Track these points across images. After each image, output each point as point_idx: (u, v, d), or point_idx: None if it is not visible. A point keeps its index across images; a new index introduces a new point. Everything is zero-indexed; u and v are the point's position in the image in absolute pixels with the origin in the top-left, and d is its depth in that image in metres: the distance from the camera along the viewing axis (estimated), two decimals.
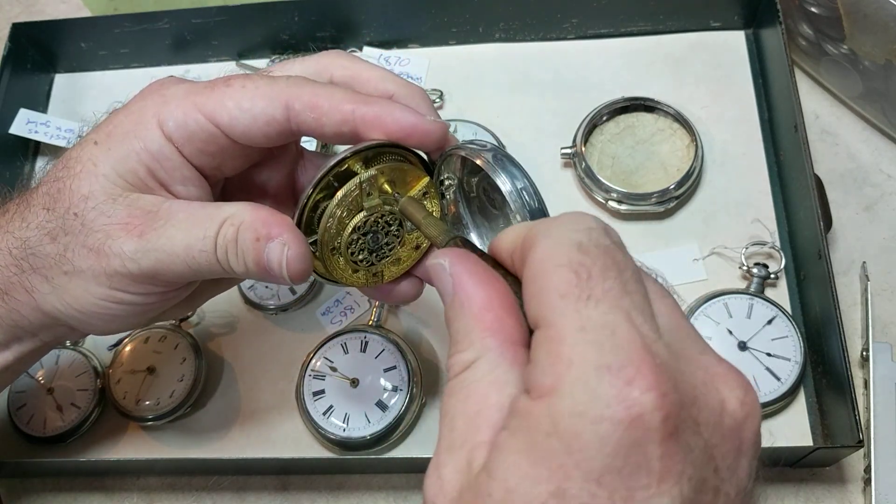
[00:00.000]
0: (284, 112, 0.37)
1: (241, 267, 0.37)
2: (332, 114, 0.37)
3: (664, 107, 0.64)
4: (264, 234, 0.37)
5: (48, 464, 0.60)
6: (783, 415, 0.56)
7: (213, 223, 0.37)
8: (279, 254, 0.37)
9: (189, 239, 0.37)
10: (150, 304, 0.40)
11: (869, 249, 0.61)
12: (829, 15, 0.62)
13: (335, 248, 0.39)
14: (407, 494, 0.57)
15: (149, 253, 0.37)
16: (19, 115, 0.71)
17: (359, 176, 0.37)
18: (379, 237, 0.40)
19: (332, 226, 0.38)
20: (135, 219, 0.37)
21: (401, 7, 0.70)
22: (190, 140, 0.37)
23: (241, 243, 0.37)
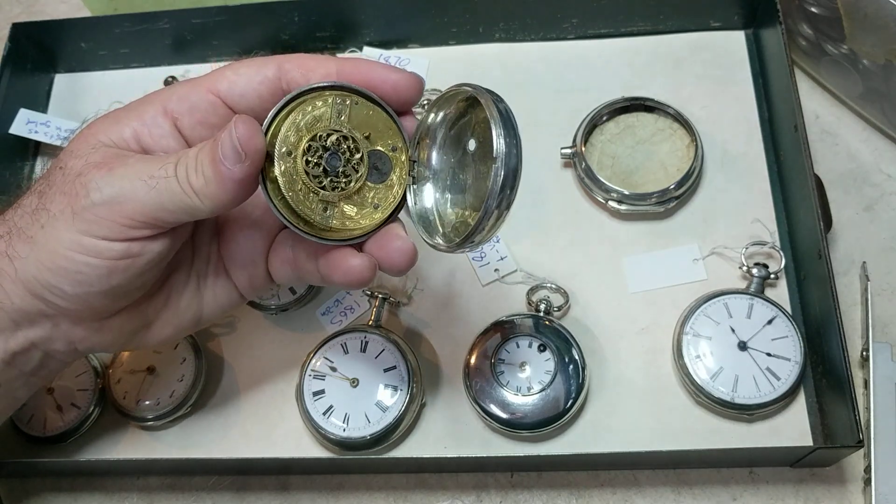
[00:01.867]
0: (277, 72, 0.40)
1: (200, 179, 0.38)
2: (318, 69, 0.40)
3: (664, 107, 0.64)
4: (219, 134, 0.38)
5: (48, 464, 0.60)
6: (783, 415, 0.56)
7: (175, 154, 0.39)
8: (231, 133, 0.37)
9: (150, 163, 0.39)
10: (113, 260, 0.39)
11: (869, 249, 0.61)
12: (829, 15, 0.62)
13: (291, 153, 0.39)
14: (407, 494, 0.57)
15: (113, 181, 0.38)
16: (19, 115, 0.71)
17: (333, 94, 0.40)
18: (338, 160, 0.40)
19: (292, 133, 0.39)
20: (107, 159, 0.40)
21: (401, 7, 0.70)
22: (191, 111, 0.41)
23: (201, 154, 0.38)
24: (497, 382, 0.56)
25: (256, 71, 0.41)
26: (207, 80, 0.41)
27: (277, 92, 0.41)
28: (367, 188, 0.41)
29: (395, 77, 0.40)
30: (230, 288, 0.47)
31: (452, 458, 0.56)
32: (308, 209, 0.40)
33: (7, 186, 0.70)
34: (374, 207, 0.41)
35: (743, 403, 0.54)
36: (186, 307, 0.45)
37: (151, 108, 0.41)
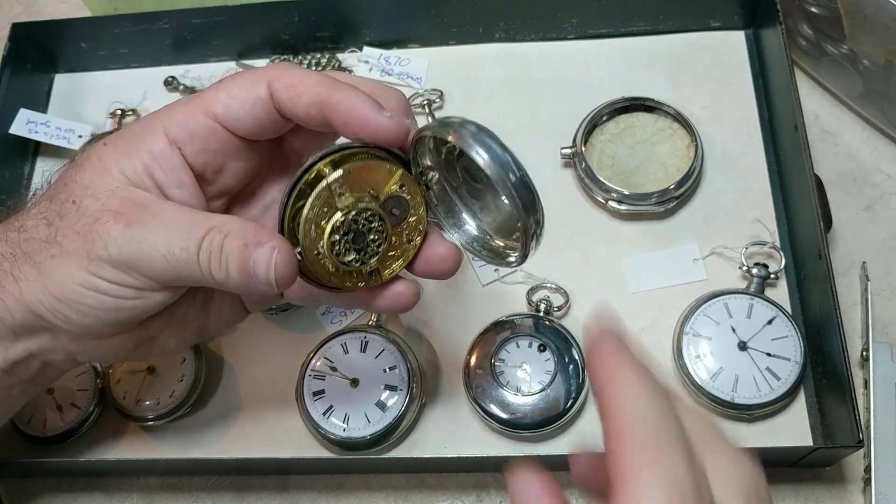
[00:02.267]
0: (268, 91, 0.39)
1: (222, 273, 0.38)
2: (305, 95, 0.38)
3: (664, 107, 0.64)
4: (253, 241, 0.38)
5: (48, 464, 0.60)
6: (783, 415, 0.56)
7: (199, 227, 0.38)
8: (268, 258, 0.37)
9: (172, 236, 0.38)
10: (123, 297, 0.40)
11: (869, 249, 0.61)
12: (829, 15, 0.62)
13: (319, 252, 0.39)
14: (407, 494, 0.57)
15: (131, 241, 0.38)
16: (19, 115, 0.71)
17: (326, 178, 0.38)
18: (362, 236, 0.40)
19: (310, 230, 0.39)
20: (125, 208, 0.39)
21: (401, 7, 0.70)
22: (192, 139, 0.40)
23: (227, 250, 0.38)
24: (497, 382, 0.56)
25: (248, 92, 0.39)
26: (203, 102, 0.40)
27: (272, 111, 0.39)
28: (395, 233, 0.41)
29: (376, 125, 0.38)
30: (236, 303, 0.46)
31: (452, 458, 0.56)
32: (356, 283, 0.41)
33: (7, 186, 0.70)
34: (409, 241, 0.42)
35: (743, 403, 0.54)
36: (191, 322, 0.45)
37: (158, 140, 0.40)
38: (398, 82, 0.71)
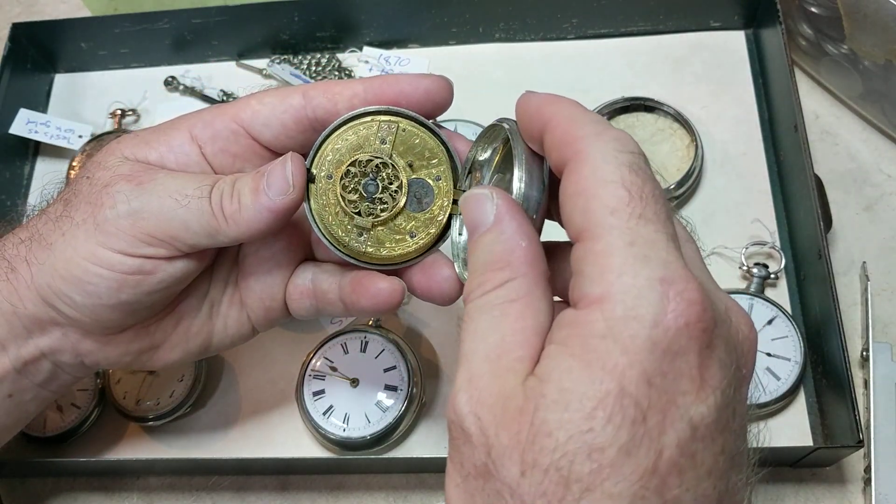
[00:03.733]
0: (302, 100, 0.39)
1: (234, 205, 0.38)
2: (345, 92, 0.39)
3: (664, 107, 0.64)
4: (265, 168, 0.39)
5: (48, 464, 0.60)
6: (783, 415, 0.56)
7: (209, 178, 0.40)
8: (281, 168, 0.38)
9: (184, 182, 0.39)
10: (126, 274, 0.39)
11: (869, 249, 0.61)
12: (829, 15, 0.62)
13: (330, 175, 0.40)
14: (407, 494, 0.57)
15: (141, 196, 0.39)
16: (19, 115, 0.71)
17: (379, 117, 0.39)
18: (375, 187, 0.40)
19: (339, 149, 0.39)
20: (136, 171, 0.40)
21: (401, 7, 0.70)
22: (213, 139, 0.41)
23: (240, 183, 0.39)
24: None
25: (281, 100, 0.40)
26: (232, 108, 0.41)
27: (302, 120, 0.40)
28: (404, 216, 0.40)
29: (426, 83, 0.39)
30: (244, 319, 0.46)
31: None
32: (342, 232, 0.40)
33: (7, 186, 0.70)
34: (411, 237, 0.41)
35: None
36: (196, 334, 0.45)
37: (179, 134, 0.41)
38: None
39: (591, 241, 0.27)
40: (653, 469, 0.24)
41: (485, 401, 0.27)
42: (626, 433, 0.24)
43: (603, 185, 0.27)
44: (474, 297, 0.30)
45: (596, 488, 0.24)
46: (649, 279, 0.26)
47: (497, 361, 0.28)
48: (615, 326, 0.25)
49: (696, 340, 0.25)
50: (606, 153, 0.28)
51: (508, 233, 0.30)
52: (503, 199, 0.31)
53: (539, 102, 0.32)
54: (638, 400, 0.25)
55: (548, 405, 0.25)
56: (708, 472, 0.25)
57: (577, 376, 0.25)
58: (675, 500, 0.25)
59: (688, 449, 0.25)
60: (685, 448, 0.25)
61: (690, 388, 0.25)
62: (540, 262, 0.30)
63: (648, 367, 0.25)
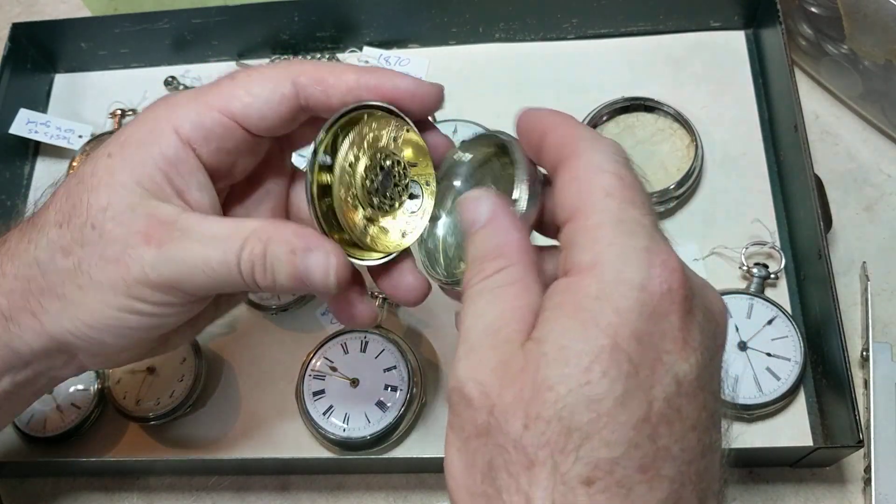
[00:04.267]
0: (293, 88, 0.38)
1: (268, 281, 0.38)
2: (338, 84, 0.38)
3: (664, 107, 0.64)
4: (301, 246, 0.37)
5: (48, 464, 0.60)
6: (783, 415, 0.56)
7: (233, 239, 0.37)
8: (323, 263, 0.37)
9: (208, 251, 0.37)
10: (164, 315, 0.39)
11: (869, 249, 0.61)
12: (829, 15, 0.62)
13: (353, 163, 0.39)
14: (407, 494, 0.57)
15: (168, 263, 0.37)
16: (19, 115, 0.71)
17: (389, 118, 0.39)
18: (389, 183, 0.40)
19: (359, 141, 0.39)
20: (153, 229, 0.37)
21: (401, 7, 0.70)
22: (207, 139, 0.38)
23: (272, 257, 0.37)
24: None
25: (272, 89, 0.38)
26: (217, 100, 0.38)
27: (296, 111, 0.38)
28: (402, 214, 0.41)
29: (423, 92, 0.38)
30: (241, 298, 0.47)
31: None
32: (352, 220, 0.40)
33: (7, 186, 0.70)
34: (402, 235, 0.41)
35: (743, 403, 0.54)
36: (203, 322, 0.45)
37: (170, 142, 0.37)
38: None
39: (584, 218, 0.30)
40: (645, 418, 0.26)
41: (486, 366, 0.29)
42: (621, 385, 0.26)
43: (599, 173, 0.30)
44: (473, 283, 0.32)
45: (594, 436, 0.26)
46: (636, 248, 0.28)
47: (496, 334, 0.30)
48: (606, 289, 0.27)
49: (679, 305, 0.28)
50: (602, 152, 0.31)
51: (503, 227, 0.33)
52: (497, 198, 0.34)
53: (540, 114, 0.35)
54: (630, 355, 0.27)
55: (548, 362, 0.27)
56: (692, 426, 0.27)
57: (574, 335, 0.27)
58: (665, 448, 0.27)
59: (674, 402, 0.27)
60: (672, 402, 0.27)
61: (674, 348, 0.27)
62: (531, 252, 0.33)
63: (638, 325, 0.27)
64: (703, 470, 0.28)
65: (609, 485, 0.26)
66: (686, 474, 0.27)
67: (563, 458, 0.26)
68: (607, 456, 0.26)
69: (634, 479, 0.26)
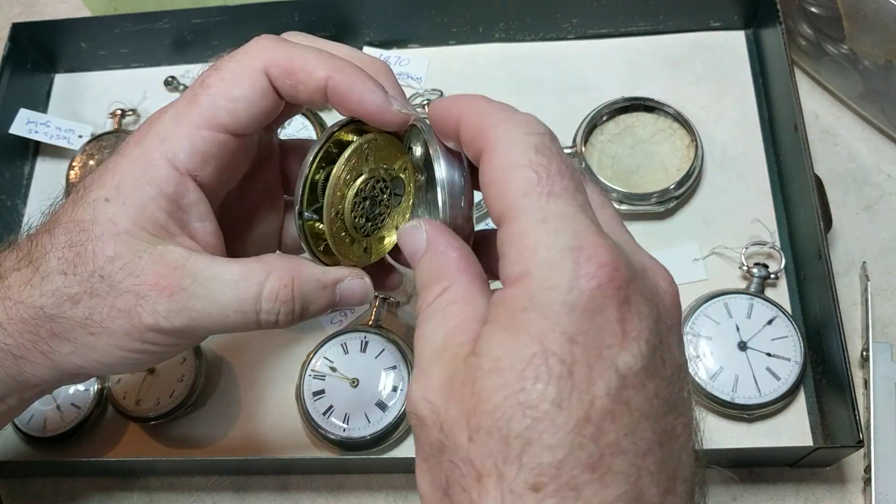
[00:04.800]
0: (267, 81, 0.37)
1: (295, 317, 0.39)
2: (307, 82, 0.37)
3: (664, 107, 0.64)
4: (330, 280, 0.39)
5: (48, 464, 0.60)
6: (783, 415, 0.56)
7: (247, 283, 0.37)
8: (360, 285, 0.40)
9: (221, 299, 0.37)
10: (177, 350, 0.40)
11: (869, 249, 0.61)
12: (829, 15, 0.62)
13: (339, 212, 0.38)
14: (407, 494, 0.57)
15: (181, 312, 0.37)
16: (19, 115, 0.71)
17: (362, 138, 0.38)
18: (375, 204, 0.40)
19: (339, 185, 0.38)
20: (162, 277, 0.37)
21: (401, 7, 0.70)
22: (205, 162, 0.37)
23: (303, 297, 0.38)
24: None
25: (251, 87, 0.37)
26: (202, 115, 0.37)
27: (276, 98, 0.38)
28: (392, 216, 0.41)
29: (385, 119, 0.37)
30: None
31: None
32: (351, 257, 0.40)
33: (7, 186, 0.70)
34: (396, 229, 0.41)
35: (743, 403, 0.54)
36: None
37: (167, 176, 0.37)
38: None
39: (509, 223, 0.29)
40: (586, 418, 0.26)
41: (433, 385, 0.29)
42: (554, 388, 0.26)
43: (512, 170, 0.29)
44: (421, 310, 0.32)
45: (534, 441, 0.26)
46: (561, 250, 0.28)
47: (443, 352, 0.30)
48: (534, 297, 0.27)
49: (613, 298, 0.27)
50: (514, 138, 0.30)
51: (440, 250, 0.33)
52: (429, 225, 0.34)
53: (448, 103, 0.34)
54: (562, 357, 0.26)
55: (485, 374, 0.27)
56: (644, 416, 0.27)
57: (507, 345, 0.27)
58: (614, 444, 0.26)
59: (619, 396, 0.27)
60: (616, 395, 0.27)
61: (614, 341, 0.27)
62: (473, 265, 0.33)
63: (569, 327, 0.27)
64: (664, 459, 0.27)
65: (558, 488, 0.26)
66: (642, 467, 0.27)
67: (507, 467, 0.26)
68: (550, 460, 0.26)
69: (583, 479, 0.26)
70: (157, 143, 0.37)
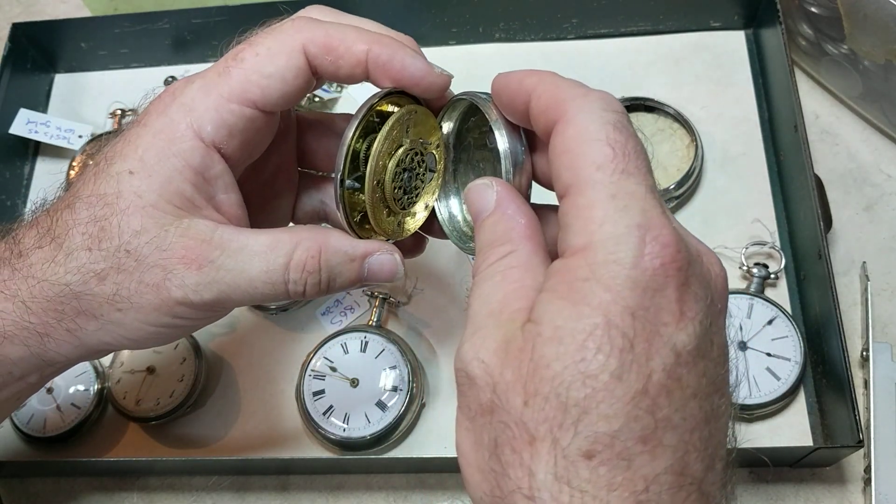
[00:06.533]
0: (304, 59, 0.37)
1: (322, 288, 0.39)
2: (347, 56, 0.37)
3: (664, 107, 0.64)
4: (360, 253, 0.39)
5: (48, 464, 0.60)
6: (783, 415, 0.56)
7: (275, 254, 0.37)
8: (390, 261, 0.39)
9: (250, 270, 0.37)
10: (206, 322, 0.40)
11: (869, 249, 0.61)
12: (829, 15, 0.62)
13: (380, 181, 0.38)
14: (407, 494, 0.57)
15: (210, 286, 0.37)
16: (19, 115, 0.71)
17: (403, 108, 0.38)
18: (412, 177, 0.40)
19: (382, 153, 0.38)
20: (190, 251, 0.36)
21: (401, 7, 0.70)
22: (231, 135, 0.37)
23: (330, 269, 0.38)
24: None
25: (286, 66, 0.36)
26: (233, 88, 0.36)
27: (310, 77, 0.37)
28: (425, 191, 0.41)
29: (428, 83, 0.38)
30: None
31: (452, 458, 0.55)
32: (387, 229, 0.40)
33: (7, 186, 0.70)
34: (426, 207, 0.42)
35: (743, 403, 0.54)
36: None
37: (193, 148, 0.36)
38: None
39: (577, 195, 0.30)
40: (643, 391, 0.27)
41: (488, 347, 0.30)
42: (616, 360, 0.27)
43: (589, 143, 0.30)
44: (481, 269, 0.33)
45: (591, 410, 0.27)
46: (628, 226, 0.28)
47: (499, 315, 0.30)
48: (597, 269, 0.28)
49: (673, 278, 0.28)
50: (592, 112, 0.30)
51: (509, 213, 0.33)
52: (502, 186, 0.34)
53: (519, 76, 0.34)
54: (624, 330, 0.27)
55: (544, 342, 0.28)
56: (693, 394, 0.28)
57: (567, 314, 0.28)
58: (666, 418, 0.27)
59: (674, 373, 0.27)
60: (671, 372, 0.27)
61: (671, 320, 0.28)
62: (537, 235, 0.33)
63: (631, 302, 0.27)
64: (708, 436, 0.28)
65: (609, 457, 0.26)
66: (689, 442, 0.28)
67: (561, 433, 0.27)
68: (606, 430, 0.27)
69: (635, 450, 0.27)
70: (182, 113, 0.37)
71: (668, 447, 0.27)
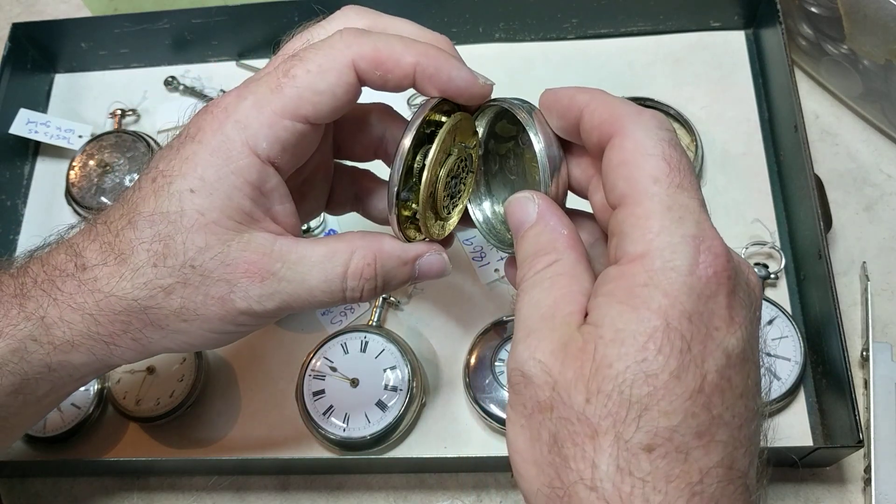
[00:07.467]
0: (354, 73, 0.38)
1: (377, 292, 0.41)
2: (396, 70, 0.38)
3: (664, 107, 0.64)
4: (411, 256, 0.41)
5: (48, 464, 0.60)
6: (783, 415, 0.56)
7: (332, 263, 0.39)
8: (439, 261, 0.42)
9: (309, 280, 0.39)
10: (265, 325, 0.42)
11: (869, 249, 0.61)
12: (829, 15, 0.62)
13: (433, 191, 0.40)
14: (407, 494, 0.57)
15: (273, 296, 0.39)
16: (19, 115, 0.71)
17: (452, 117, 0.39)
18: (458, 182, 0.41)
19: (436, 164, 0.39)
20: (253, 264, 0.38)
21: (401, 7, 0.70)
22: (284, 151, 0.38)
23: (385, 273, 0.41)
24: (497, 382, 0.56)
25: (336, 83, 0.37)
26: (286, 104, 0.37)
27: (357, 93, 0.39)
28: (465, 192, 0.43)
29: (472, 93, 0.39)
30: None
31: (452, 458, 0.56)
32: (434, 233, 0.42)
33: (7, 186, 0.70)
34: (461, 209, 0.43)
35: None
36: None
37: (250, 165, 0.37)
38: None
39: (633, 205, 0.31)
40: (699, 389, 0.29)
41: (545, 348, 0.31)
42: (675, 361, 0.29)
43: (646, 158, 0.32)
44: (527, 277, 0.35)
45: (653, 407, 0.29)
46: (683, 236, 0.30)
47: (552, 319, 0.32)
48: (655, 276, 0.30)
49: (724, 286, 0.30)
50: (649, 129, 0.33)
51: (552, 225, 0.35)
52: (542, 199, 0.36)
53: (570, 93, 0.36)
54: (682, 333, 0.29)
55: (606, 343, 0.30)
56: (741, 394, 0.30)
57: (627, 318, 0.30)
58: (719, 416, 0.29)
59: (725, 374, 0.29)
60: (723, 373, 0.29)
61: (722, 325, 0.30)
62: (580, 244, 0.35)
63: (687, 306, 0.29)
64: (753, 433, 0.30)
65: (668, 451, 0.28)
66: (738, 438, 0.30)
67: (624, 427, 0.29)
68: (666, 425, 0.28)
69: (691, 444, 0.29)
70: (238, 130, 0.37)
71: (720, 442, 0.29)
